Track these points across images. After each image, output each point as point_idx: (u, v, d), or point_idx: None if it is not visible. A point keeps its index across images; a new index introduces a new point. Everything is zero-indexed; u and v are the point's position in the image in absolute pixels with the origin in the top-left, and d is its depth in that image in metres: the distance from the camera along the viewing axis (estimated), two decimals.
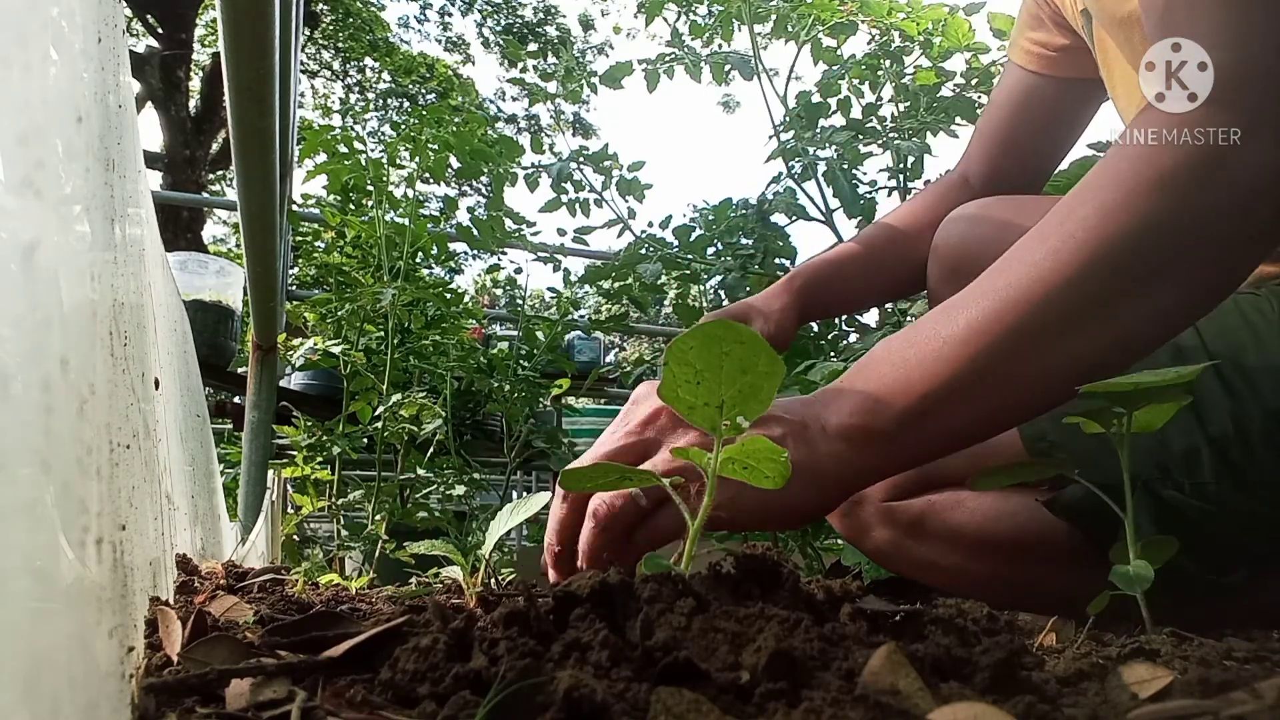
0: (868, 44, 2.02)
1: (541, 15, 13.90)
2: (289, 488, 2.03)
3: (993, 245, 0.94)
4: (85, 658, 0.31)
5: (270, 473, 2.02)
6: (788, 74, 2.00)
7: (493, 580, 0.74)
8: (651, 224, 2.11)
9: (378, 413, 1.85)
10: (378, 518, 1.80)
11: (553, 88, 2.51)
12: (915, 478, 0.74)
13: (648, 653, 0.33)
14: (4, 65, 0.30)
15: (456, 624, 0.37)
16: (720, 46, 2.09)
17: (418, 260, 2.36)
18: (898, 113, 1.93)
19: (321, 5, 11.02)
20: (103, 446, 0.37)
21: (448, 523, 1.92)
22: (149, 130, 8.08)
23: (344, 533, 1.84)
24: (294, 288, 3.21)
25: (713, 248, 2.00)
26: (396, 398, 1.84)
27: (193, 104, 8.16)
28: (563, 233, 2.34)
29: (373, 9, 12.54)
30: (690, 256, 1.98)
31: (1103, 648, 0.49)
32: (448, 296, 2.26)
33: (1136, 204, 0.54)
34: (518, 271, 4.37)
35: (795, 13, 1.90)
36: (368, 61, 13.01)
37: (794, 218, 1.91)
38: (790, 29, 1.93)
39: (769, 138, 1.96)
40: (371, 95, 13.21)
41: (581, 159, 2.09)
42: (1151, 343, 0.59)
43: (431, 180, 2.17)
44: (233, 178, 1.48)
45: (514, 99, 14.16)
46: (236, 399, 2.96)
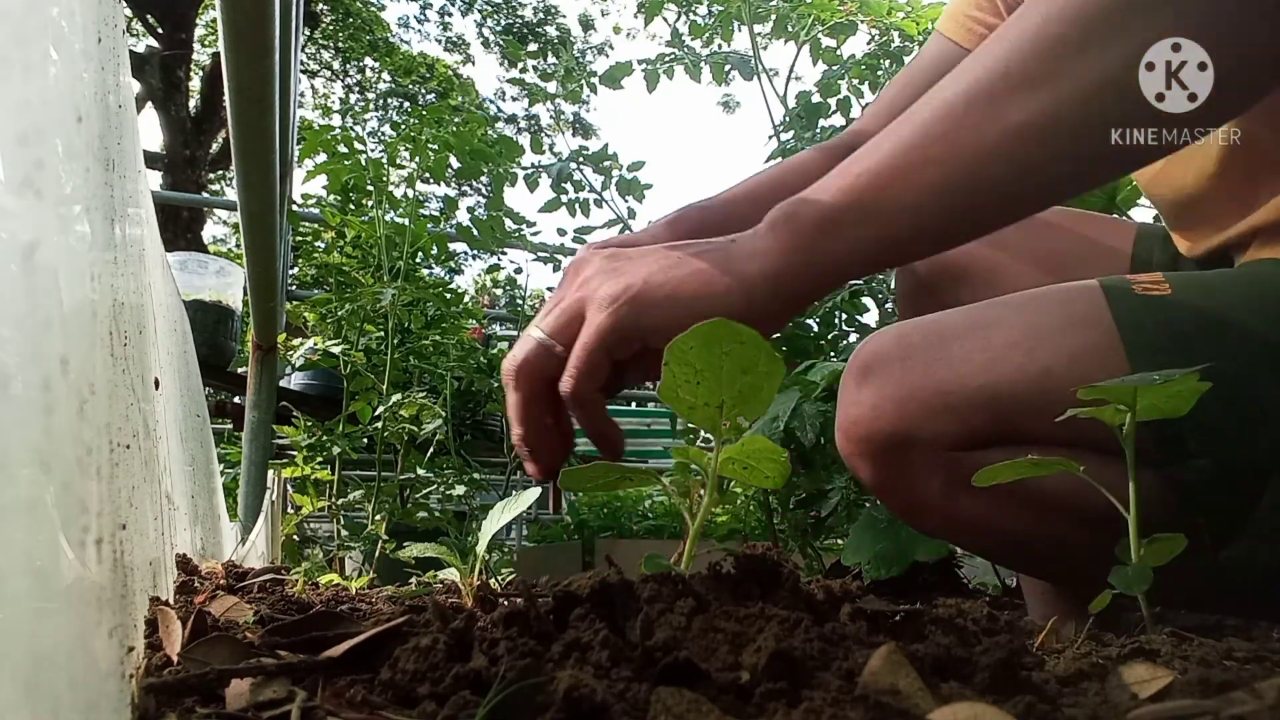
0: (867, 44, 2.02)
1: (541, 15, 13.91)
2: (289, 488, 2.03)
3: (974, 253, 0.90)
4: (85, 658, 0.31)
5: (270, 473, 2.02)
6: (788, 74, 2.01)
7: (493, 580, 0.74)
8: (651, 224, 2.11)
9: (378, 413, 1.85)
10: (378, 518, 1.80)
11: (553, 88, 2.51)
12: (987, 429, 0.67)
13: (648, 653, 0.33)
14: (4, 65, 0.30)
15: (456, 624, 0.37)
16: (720, 46, 2.09)
17: (418, 260, 2.36)
18: None
19: (321, 5, 11.02)
20: (103, 446, 0.37)
21: (448, 523, 1.92)
22: (149, 130, 8.09)
23: (344, 533, 1.84)
24: (294, 288, 3.21)
25: None
26: (396, 398, 1.84)
27: (193, 104, 8.17)
28: (563, 233, 2.34)
29: (373, 9, 12.55)
30: None
31: (1103, 648, 0.49)
32: (448, 296, 2.25)
33: None
34: (518, 271, 4.37)
35: (795, 13, 1.90)
36: (368, 61, 13.03)
37: None
38: (790, 29, 1.93)
39: (769, 138, 1.96)
40: (371, 95, 13.22)
41: (581, 159, 2.09)
42: (1105, 114, 0.52)
43: (431, 180, 2.17)
44: (233, 178, 1.47)
45: (514, 99, 14.18)
46: (236, 399, 2.96)
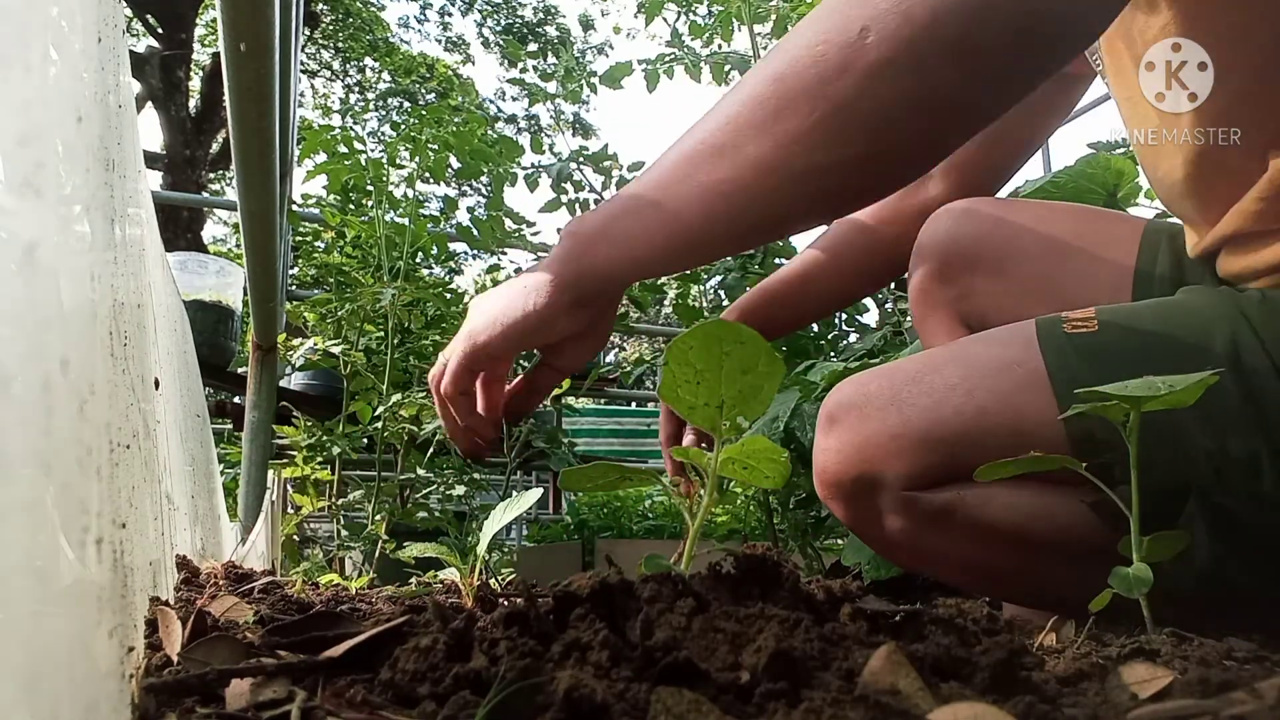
0: None
1: (541, 15, 13.92)
2: (289, 488, 2.02)
3: (985, 240, 0.93)
4: (85, 657, 0.31)
5: (270, 473, 2.02)
6: None
7: (493, 580, 0.74)
8: None
9: (378, 413, 1.85)
10: (378, 518, 1.80)
11: (552, 88, 2.51)
12: (938, 467, 0.71)
13: (648, 653, 0.33)
14: (4, 65, 0.30)
15: (456, 624, 0.37)
16: (720, 46, 2.09)
17: (418, 260, 2.36)
18: None
19: (321, 5, 11.02)
20: (103, 446, 0.37)
21: (448, 523, 1.92)
22: (149, 130, 8.10)
23: (344, 533, 1.84)
24: (294, 288, 3.20)
25: None
26: (396, 398, 1.84)
27: (193, 104, 8.16)
28: None
29: (373, 9, 12.55)
30: None
31: (1103, 648, 0.49)
32: (448, 296, 2.25)
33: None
34: (517, 271, 4.37)
35: (795, 13, 1.90)
36: (368, 61, 13.03)
37: None
38: (790, 29, 1.93)
39: None
40: (371, 95, 13.22)
41: (581, 159, 2.09)
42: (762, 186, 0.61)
43: (431, 180, 2.17)
44: (233, 178, 1.47)
45: (514, 99, 14.19)
46: (236, 399, 2.96)
